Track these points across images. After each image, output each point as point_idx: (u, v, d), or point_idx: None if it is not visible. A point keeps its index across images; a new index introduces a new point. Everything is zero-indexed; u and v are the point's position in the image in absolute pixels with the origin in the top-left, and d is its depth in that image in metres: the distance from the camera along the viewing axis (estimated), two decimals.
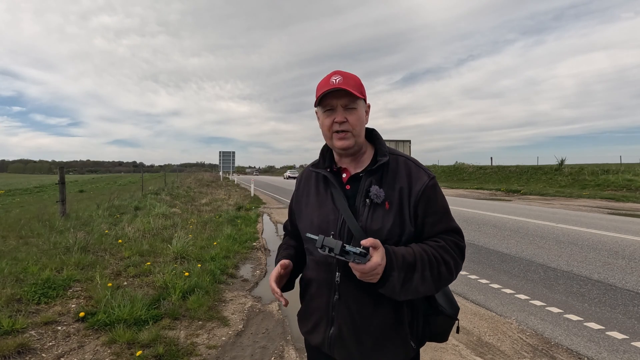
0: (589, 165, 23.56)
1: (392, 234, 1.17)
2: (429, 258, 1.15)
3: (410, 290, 1.13)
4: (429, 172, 1.26)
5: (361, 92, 1.23)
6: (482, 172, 28.46)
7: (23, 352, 2.77)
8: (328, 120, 1.23)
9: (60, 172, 8.45)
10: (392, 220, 1.19)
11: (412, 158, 1.31)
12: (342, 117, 1.20)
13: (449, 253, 1.19)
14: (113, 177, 67.90)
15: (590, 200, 14.76)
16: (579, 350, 2.95)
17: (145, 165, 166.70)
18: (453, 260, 1.19)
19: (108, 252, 5.48)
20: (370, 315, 1.20)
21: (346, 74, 1.24)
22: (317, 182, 1.34)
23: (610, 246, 6.21)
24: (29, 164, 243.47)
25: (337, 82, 1.20)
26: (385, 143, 1.33)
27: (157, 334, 3.03)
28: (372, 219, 1.19)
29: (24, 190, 28.47)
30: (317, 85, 1.26)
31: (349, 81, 1.21)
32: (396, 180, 1.23)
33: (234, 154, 36.50)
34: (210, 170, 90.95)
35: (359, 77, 1.27)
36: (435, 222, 1.22)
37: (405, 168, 1.26)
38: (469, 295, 4.25)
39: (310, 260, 1.32)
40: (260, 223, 9.77)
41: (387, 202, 1.20)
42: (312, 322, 1.30)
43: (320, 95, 1.20)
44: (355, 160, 1.29)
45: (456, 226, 1.26)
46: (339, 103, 1.20)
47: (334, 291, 1.22)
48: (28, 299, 3.58)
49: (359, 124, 1.22)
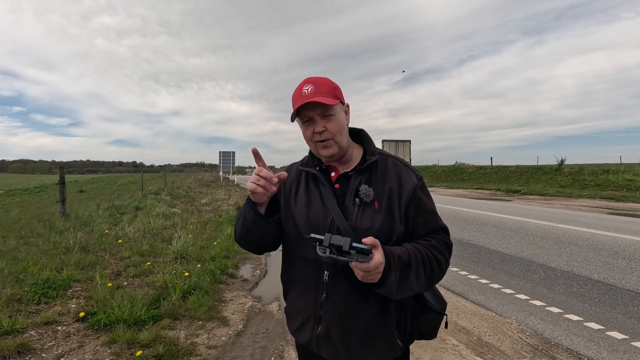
0: (589, 165, 23.55)
1: (382, 234, 1.17)
2: (422, 257, 1.18)
3: (405, 289, 1.14)
4: (417, 172, 1.28)
5: (335, 96, 1.21)
6: (482, 172, 28.45)
7: (23, 352, 2.77)
8: (308, 131, 1.22)
9: (60, 172, 8.45)
10: (382, 220, 1.19)
11: (400, 158, 1.32)
12: (320, 126, 1.19)
13: (439, 251, 1.22)
14: (113, 177, 67.90)
15: (590, 200, 14.75)
16: (579, 350, 2.96)
17: (145, 165, 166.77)
18: (443, 258, 1.23)
19: (108, 252, 5.48)
20: (357, 314, 1.20)
21: (317, 80, 1.22)
22: (307, 181, 1.32)
23: (610, 246, 6.21)
24: (29, 164, 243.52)
25: (309, 92, 1.18)
26: (373, 143, 1.33)
27: (157, 334, 3.03)
28: (361, 218, 1.19)
29: (24, 190, 28.47)
30: (292, 97, 1.25)
31: (320, 88, 1.19)
32: (385, 180, 1.24)
33: (234, 154, 36.46)
34: (210, 170, 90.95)
35: (330, 80, 1.25)
36: (426, 221, 1.25)
37: (395, 168, 1.27)
38: (469, 295, 4.25)
39: (297, 258, 1.30)
40: None
41: (377, 202, 1.21)
42: (299, 320, 1.29)
43: (295, 110, 1.20)
44: (343, 162, 1.30)
45: (443, 225, 1.30)
46: (315, 113, 1.19)
47: (322, 290, 1.22)
48: (28, 299, 3.58)
49: (338, 129, 1.21)
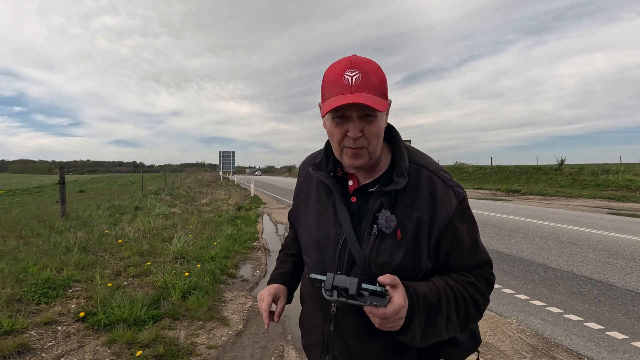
0: (589, 165, 23.55)
1: (402, 271, 0.94)
2: (456, 297, 0.94)
3: (432, 336, 0.93)
4: (458, 190, 0.98)
5: (384, 94, 0.93)
6: (482, 172, 28.44)
7: (23, 352, 2.77)
8: (338, 131, 0.93)
9: (60, 172, 8.45)
10: (404, 254, 0.95)
11: (438, 170, 1.01)
12: (357, 131, 0.90)
13: (477, 289, 0.98)
14: (113, 177, 67.91)
15: (590, 200, 14.75)
16: (579, 350, 2.95)
17: (145, 165, 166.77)
18: (482, 298, 0.99)
19: (108, 252, 5.48)
20: (368, 348, 1.02)
21: (364, 65, 0.91)
22: (318, 187, 1.09)
23: (610, 246, 6.21)
24: (29, 164, 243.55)
25: (353, 81, 0.88)
26: (405, 150, 1.02)
27: (157, 334, 3.03)
28: (377, 251, 0.96)
29: (24, 190, 28.47)
30: (326, 78, 0.94)
31: (369, 80, 0.89)
32: (414, 203, 0.96)
33: (234, 154, 36.47)
34: (210, 170, 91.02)
35: (379, 67, 0.94)
36: (463, 258, 0.99)
37: (429, 186, 0.98)
38: None
39: (305, 274, 1.15)
40: (260, 223, 9.77)
41: (400, 230, 0.95)
42: (309, 341, 1.18)
43: (330, 105, 0.89)
44: (367, 169, 1.02)
45: (487, 258, 1.03)
46: (355, 112, 0.90)
47: (329, 321, 1.04)
48: (28, 299, 3.58)
49: (376, 137, 0.93)
